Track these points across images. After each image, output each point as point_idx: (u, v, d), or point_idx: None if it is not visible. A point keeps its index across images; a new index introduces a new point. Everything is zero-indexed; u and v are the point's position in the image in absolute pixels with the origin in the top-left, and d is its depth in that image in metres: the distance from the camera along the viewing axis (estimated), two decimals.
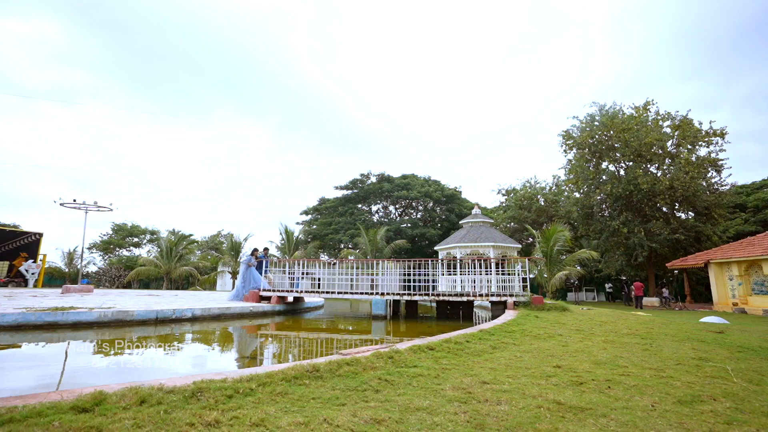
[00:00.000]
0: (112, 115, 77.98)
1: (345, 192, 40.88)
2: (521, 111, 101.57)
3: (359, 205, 40.73)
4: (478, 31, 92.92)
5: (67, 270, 38.44)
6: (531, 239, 28.48)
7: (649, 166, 24.25)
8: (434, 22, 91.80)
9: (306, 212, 42.78)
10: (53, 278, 37.75)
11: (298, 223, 42.58)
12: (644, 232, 22.27)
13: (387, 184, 38.74)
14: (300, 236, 36.88)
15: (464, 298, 9.72)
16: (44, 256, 32.98)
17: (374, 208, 42.11)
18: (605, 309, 13.37)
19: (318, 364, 2.93)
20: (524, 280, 10.30)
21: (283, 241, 34.39)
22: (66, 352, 4.93)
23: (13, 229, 32.63)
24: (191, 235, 44.10)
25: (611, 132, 24.47)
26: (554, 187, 34.05)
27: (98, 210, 15.19)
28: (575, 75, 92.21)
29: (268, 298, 11.38)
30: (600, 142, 25.00)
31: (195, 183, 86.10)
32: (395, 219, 39.84)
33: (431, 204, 39.66)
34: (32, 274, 27.64)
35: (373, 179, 40.25)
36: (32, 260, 29.64)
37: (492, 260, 13.15)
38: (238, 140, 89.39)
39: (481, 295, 9.65)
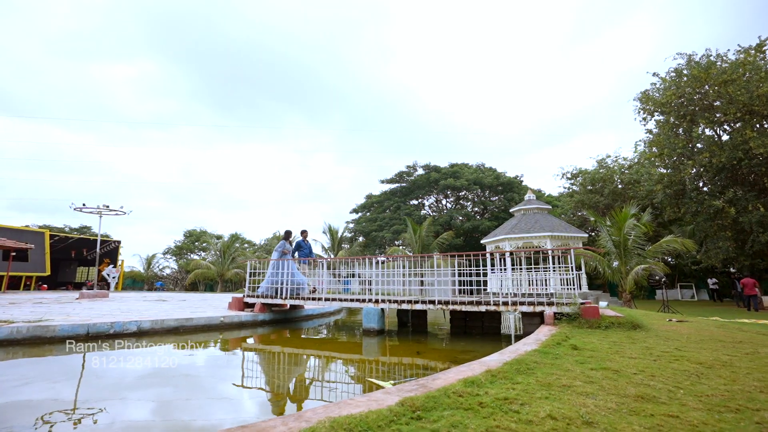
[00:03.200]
0: (200, 135, 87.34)
1: (391, 186, 38.79)
2: (592, 97, 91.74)
3: (406, 199, 38.38)
4: (538, 18, 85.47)
5: (145, 273, 41.53)
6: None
7: (766, 124, 18.59)
8: (493, 8, 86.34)
9: (355, 210, 41.54)
10: (135, 281, 41.23)
11: (347, 222, 41.52)
12: (764, 208, 16.95)
13: (435, 173, 35.84)
14: (345, 234, 35.54)
15: (483, 308, 6.95)
16: (122, 261, 36.23)
17: (424, 202, 39.48)
18: (708, 317, 9.54)
19: None
20: (572, 280, 7.20)
21: (330, 241, 33.34)
22: None
23: (96, 238, 36.09)
24: (242, 234, 45.25)
25: (706, 87, 19.20)
26: (636, 164, 27.91)
27: (113, 214, 14.86)
28: (646, 56, 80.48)
29: (251, 305, 9.61)
30: (691, 101, 19.78)
31: (268, 191, 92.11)
32: (445, 212, 36.78)
33: (485, 192, 35.93)
34: (113, 278, 30.14)
35: (420, 171, 37.60)
36: (112, 265, 32.62)
37: (547, 251, 10.15)
38: (305, 148, 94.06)
39: (505, 304, 6.81)
